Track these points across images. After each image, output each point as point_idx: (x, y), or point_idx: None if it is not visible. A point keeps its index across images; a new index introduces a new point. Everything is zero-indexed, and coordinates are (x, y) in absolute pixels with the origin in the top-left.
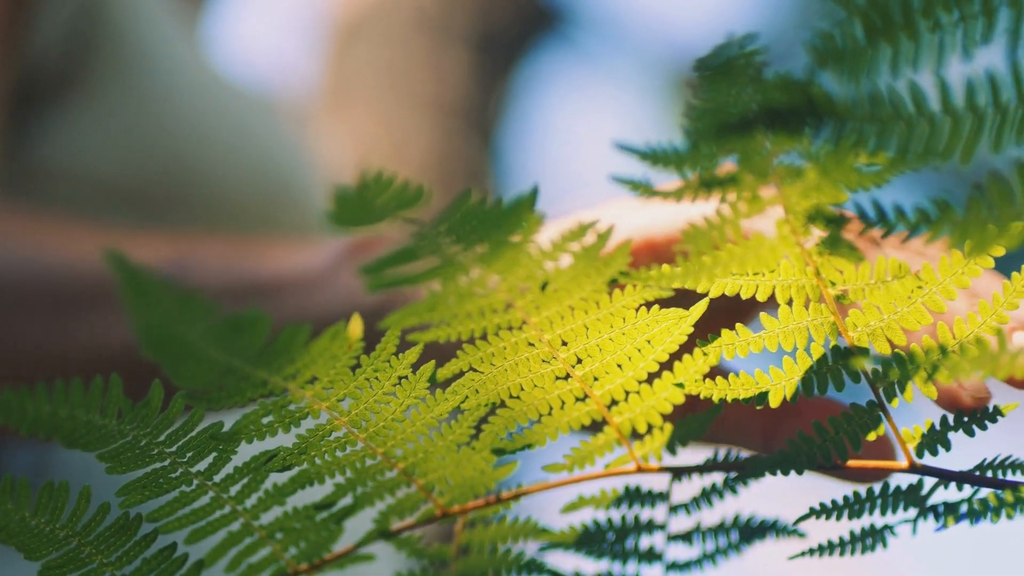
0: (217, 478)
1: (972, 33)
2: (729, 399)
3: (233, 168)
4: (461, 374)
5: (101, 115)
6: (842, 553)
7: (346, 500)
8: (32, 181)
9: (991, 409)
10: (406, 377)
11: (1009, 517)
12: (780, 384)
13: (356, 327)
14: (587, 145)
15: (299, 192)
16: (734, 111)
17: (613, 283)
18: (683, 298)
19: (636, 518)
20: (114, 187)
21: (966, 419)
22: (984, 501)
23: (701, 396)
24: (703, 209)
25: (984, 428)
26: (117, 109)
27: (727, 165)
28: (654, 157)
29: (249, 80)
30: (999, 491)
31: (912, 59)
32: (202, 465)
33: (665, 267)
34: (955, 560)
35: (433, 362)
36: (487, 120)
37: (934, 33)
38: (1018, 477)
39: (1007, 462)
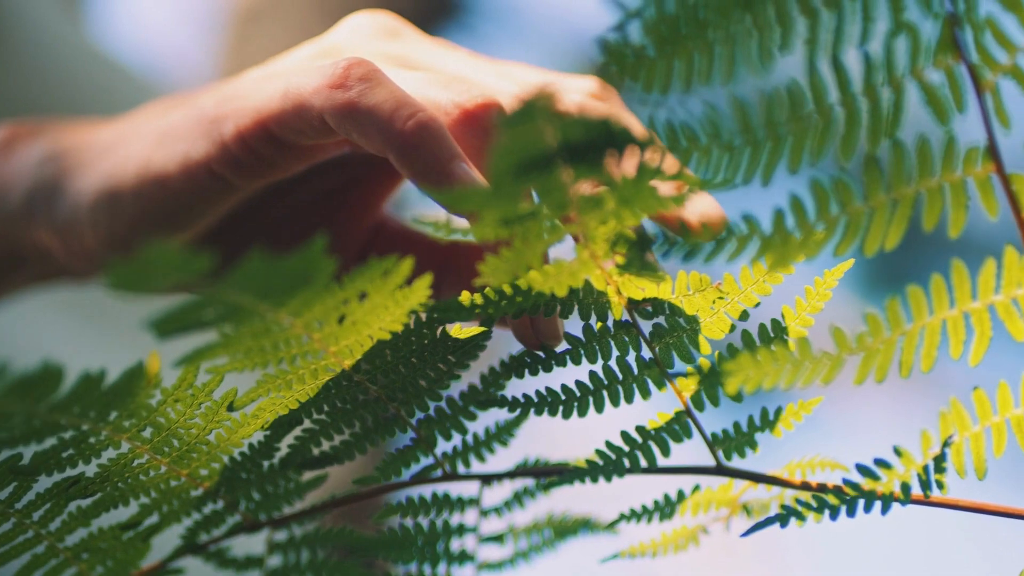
0: (19, 505)
1: (767, 43)
2: (537, 414)
3: None
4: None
5: None
6: (654, 554)
7: (153, 519)
8: None
9: (796, 406)
10: (208, 403)
11: (816, 520)
12: (586, 397)
13: (154, 363)
14: None
15: None
16: (534, 150)
17: (414, 311)
18: None
19: (446, 523)
20: None
21: (772, 418)
22: (789, 505)
23: (508, 412)
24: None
25: (791, 428)
26: None
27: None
28: (454, 199)
29: (138, 63)
30: (807, 492)
31: (706, 73)
32: (3, 495)
33: (465, 295)
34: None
35: (235, 388)
36: None
37: (726, 45)
38: (827, 474)
39: (814, 460)
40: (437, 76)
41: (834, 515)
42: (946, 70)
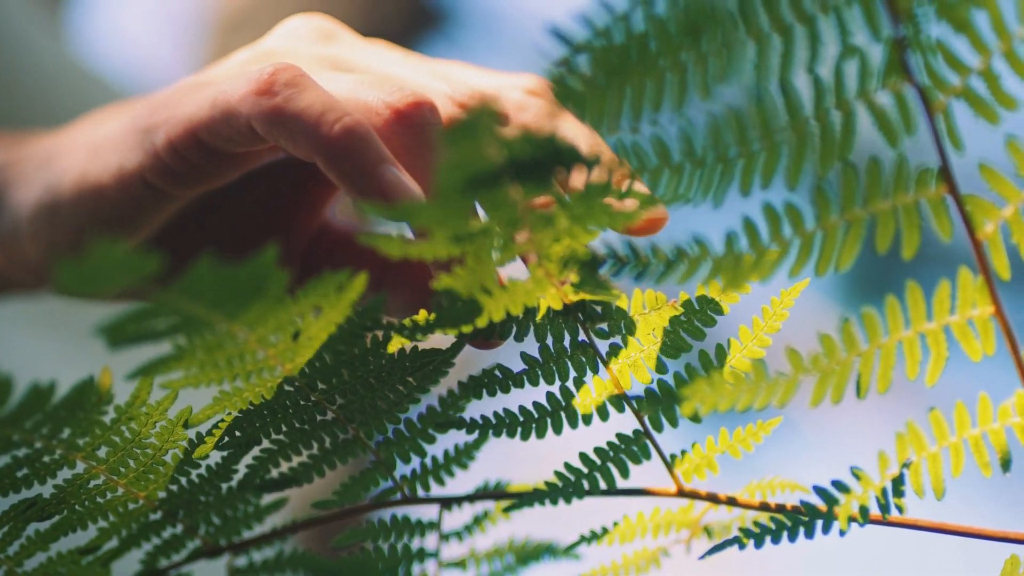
0: None
1: (717, 69)
2: (495, 435)
3: None
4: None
5: None
6: None
7: (112, 543)
8: None
9: (756, 427)
10: (163, 422)
11: (774, 541)
12: (544, 418)
13: (106, 377)
14: None
15: None
16: (481, 166)
17: (370, 328)
18: None
19: (406, 547)
20: None
21: (731, 440)
22: (747, 528)
23: (467, 433)
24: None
25: (750, 449)
26: None
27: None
28: (402, 213)
29: (119, 75)
30: (766, 514)
31: (655, 101)
32: None
33: (422, 315)
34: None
35: (190, 407)
36: None
37: (675, 72)
38: (786, 496)
39: (773, 482)
40: (369, 77)
41: (792, 537)
42: (895, 93)
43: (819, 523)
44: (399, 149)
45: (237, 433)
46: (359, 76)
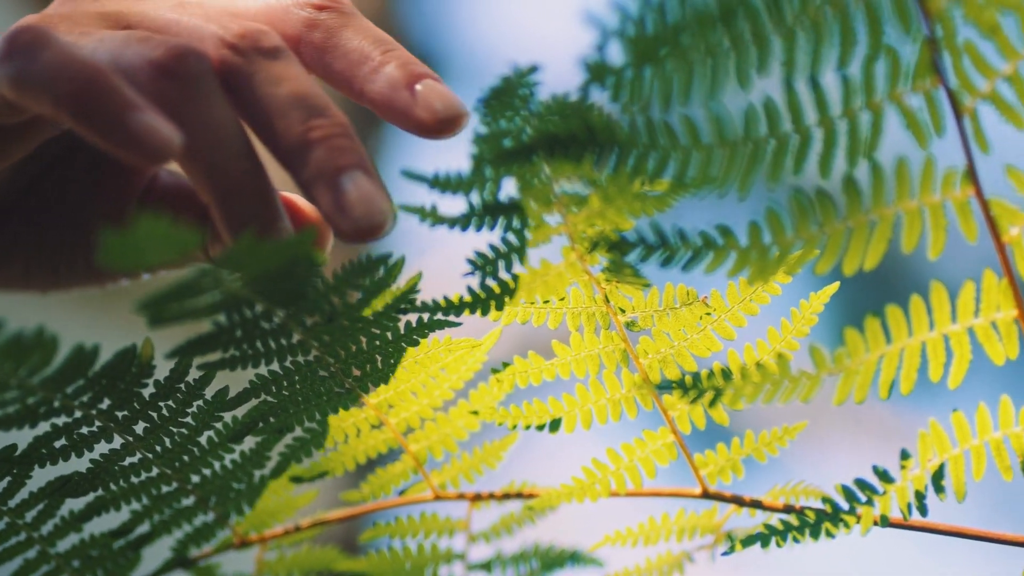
0: (12, 503)
1: (744, 63)
2: (524, 427)
3: None
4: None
5: None
6: None
7: (144, 528)
8: None
9: (781, 431)
10: (200, 403)
11: (796, 541)
12: (573, 411)
13: (147, 348)
14: None
15: None
16: (514, 138)
17: (403, 312)
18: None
19: (434, 547)
20: None
21: (756, 442)
22: (772, 526)
23: (497, 424)
24: None
25: (775, 453)
26: None
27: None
28: (438, 183)
29: None
30: (787, 515)
31: (684, 90)
32: None
33: (456, 297)
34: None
35: (227, 387)
36: None
37: (706, 64)
38: (809, 502)
39: (797, 487)
40: (138, 33)
41: (815, 536)
42: (925, 94)
43: (842, 524)
44: (166, 102)
45: (271, 419)
46: (127, 34)
